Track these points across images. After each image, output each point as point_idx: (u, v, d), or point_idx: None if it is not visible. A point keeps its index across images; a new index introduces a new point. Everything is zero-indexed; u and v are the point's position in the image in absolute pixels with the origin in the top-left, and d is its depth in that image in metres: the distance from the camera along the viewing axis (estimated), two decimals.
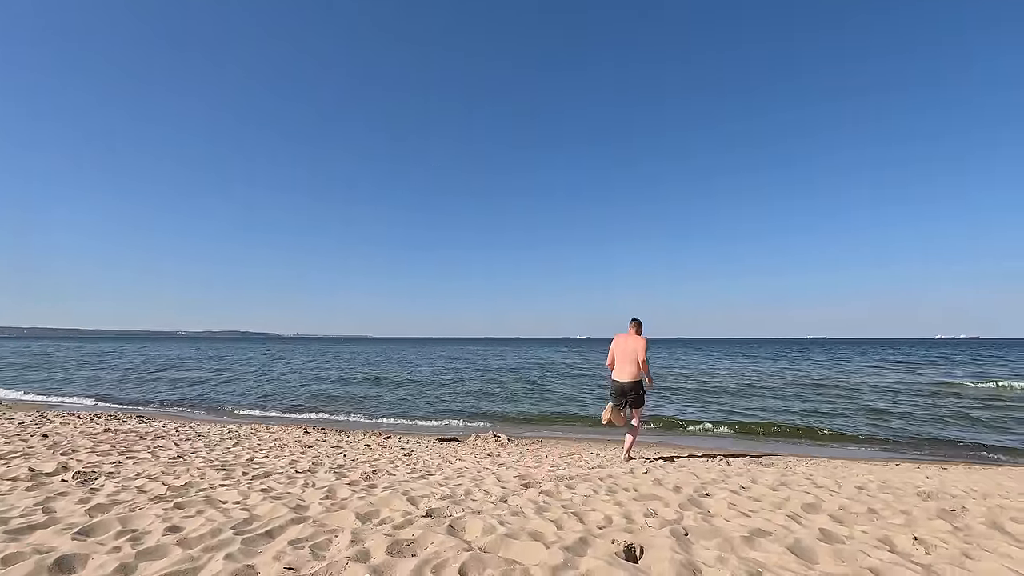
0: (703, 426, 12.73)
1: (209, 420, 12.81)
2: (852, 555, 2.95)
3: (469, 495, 4.46)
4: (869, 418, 14.08)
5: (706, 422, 13.10)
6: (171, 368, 31.20)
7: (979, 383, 22.71)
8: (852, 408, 15.90)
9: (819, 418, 14.13)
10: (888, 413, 14.86)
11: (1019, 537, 3.41)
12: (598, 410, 15.40)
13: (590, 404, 17.10)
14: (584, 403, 17.42)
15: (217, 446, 7.29)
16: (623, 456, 7.86)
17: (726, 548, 3.03)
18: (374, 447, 8.38)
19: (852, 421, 13.66)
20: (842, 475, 6.19)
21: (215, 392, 20.26)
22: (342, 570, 2.61)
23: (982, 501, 4.45)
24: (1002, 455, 10.04)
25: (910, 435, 11.80)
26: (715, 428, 12.55)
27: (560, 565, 2.68)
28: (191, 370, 30.11)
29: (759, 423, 13.08)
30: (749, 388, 21.53)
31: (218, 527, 3.22)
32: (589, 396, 19.19)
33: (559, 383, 24.04)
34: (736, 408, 16.00)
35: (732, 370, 32.04)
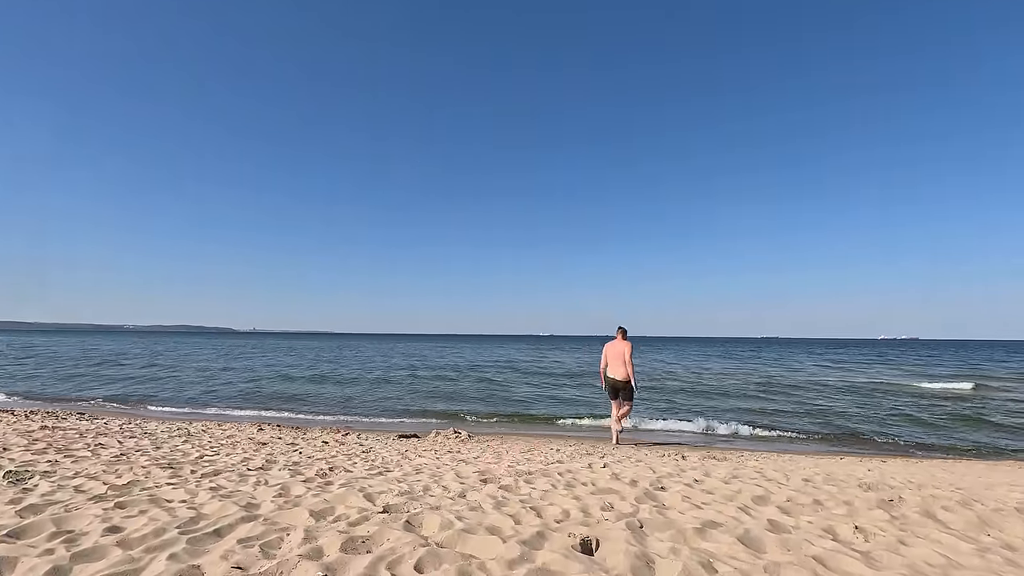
0: (663, 422, 13.02)
1: (157, 417, 12.28)
2: (797, 544, 3.07)
3: (428, 491, 4.42)
4: (812, 415, 14.70)
5: (665, 419, 13.41)
6: (114, 363, 29.74)
7: (917, 382, 24.02)
8: (798, 405, 16.58)
9: (768, 416, 14.65)
10: (832, 410, 15.56)
11: (949, 524, 3.62)
12: (550, 408, 15.53)
13: (538, 401, 17.26)
14: (536, 401, 17.56)
15: (164, 444, 6.99)
16: (614, 438, 9.92)
17: (679, 539, 3.10)
18: (332, 444, 8.20)
19: (799, 418, 14.23)
20: (790, 468, 6.44)
21: (163, 388, 19.42)
22: (293, 568, 2.54)
23: (917, 492, 4.70)
24: (936, 449, 10.67)
25: (853, 431, 12.39)
26: (673, 425, 12.86)
27: (517, 559, 2.68)
28: (137, 365, 28.76)
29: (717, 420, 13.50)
30: (701, 385, 22.14)
31: (162, 527, 3.08)
32: (544, 394, 19.34)
33: (515, 380, 24.15)
34: (693, 407, 16.43)
35: (685, 367, 32.90)
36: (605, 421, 12.84)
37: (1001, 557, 2.94)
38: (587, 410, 15.14)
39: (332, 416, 13.96)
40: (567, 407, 16.01)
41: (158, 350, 46.57)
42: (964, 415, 14.62)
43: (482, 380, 24.03)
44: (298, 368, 29.39)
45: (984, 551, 3.03)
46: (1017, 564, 2.83)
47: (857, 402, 17.37)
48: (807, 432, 12.18)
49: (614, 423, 9.89)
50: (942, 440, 11.57)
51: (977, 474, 7.08)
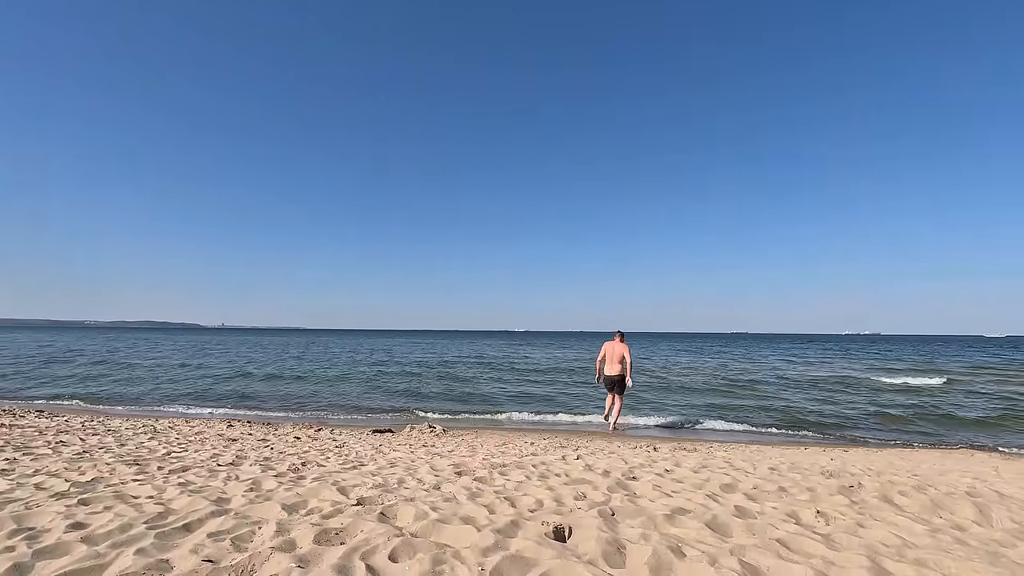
0: (636, 417, 13.23)
1: (121, 414, 11.93)
2: (762, 528, 3.18)
3: (402, 483, 4.42)
4: (777, 408, 15.13)
5: (637, 413, 13.63)
6: (65, 360, 28.66)
7: (877, 376, 24.91)
8: (763, 398, 17.05)
9: (735, 409, 15.02)
10: (796, 403, 16.05)
11: (905, 508, 3.80)
12: (515, 403, 15.64)
13: (501, 396, 17.36)
14: (499, 395, 17.65)
15: (130, 441, 6.81)
16: (611, 428, 11.00)
17: (649, 526, 3.18)
18: (304, 440, 8.10)
19: (765, 411, 14.63)
20: (757, 458, 6.63)
21: (127, 385, 18.84)
22: (265, 560, 2.52)
23: (876, 478, 4.90)
24: (895, 439, 11.11)
25: (817, 423, 12.79)
26: (644, 420, 13.09)
27: (491, 547, 2.72)
28: (100, 361, 27.82)
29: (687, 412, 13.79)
30: (671, 380, 22.53)
31: (129, 522, 3.02)
32: (512, 389, 19.45)
33: (486, 375, 24.21)
34: (663, 400, 16.73)
35: (654, 362, 33.43)
36: (579, 418, 13.09)
37: (951, 537, 3.10)
38: (547, 405, 15.28)
39: (301, 412, 13.77)
40: (528, 402, 16.12)
41: (116, 346, 44.90)
42: (922, 407, 15.23)
43: (447, 375, 24.00)
44: (273, 363, 28.86)
45: (936, 532, 3.20)
46: (965, 543, 2.99)
47: (820, 395, 17.93)
48: (773, 424, 12.53)
49: (610, 414, 11.18)
50: (901, 430, 12.06)
51: (932, 462, 7.39)
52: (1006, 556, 2.78)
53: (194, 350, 42.79)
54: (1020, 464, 7.83)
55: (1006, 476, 5.79)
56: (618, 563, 2.60)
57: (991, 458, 8.54)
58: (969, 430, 12.24)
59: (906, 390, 19.41)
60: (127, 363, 27.97)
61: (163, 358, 32.28)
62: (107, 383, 19.23)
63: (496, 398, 17.16)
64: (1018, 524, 3.47)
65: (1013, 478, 5.60)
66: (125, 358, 31.65)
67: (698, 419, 12.99)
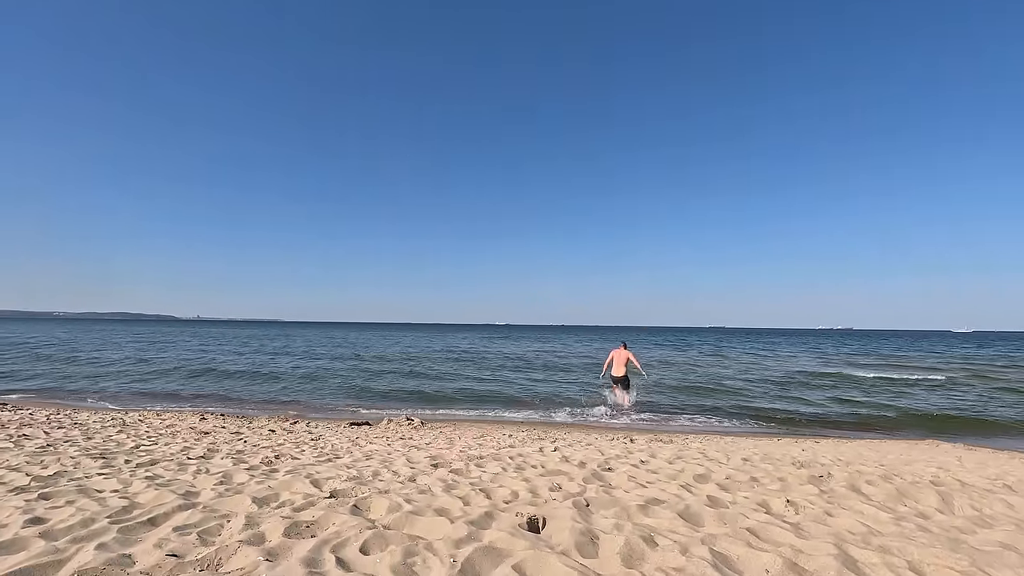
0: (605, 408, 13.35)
1: (89, 408, 11.62)
2: (734, 517, 3.22)
3: (377, 476, 4.38)
4: (751, 401, 15.41)
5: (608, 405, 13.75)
6: (41, 351, 27.84)
7: (848, 369, 25.52)
8: (738, 391, 17.33)
9: (711, 404, 15.24)
10: (770, 395, 16.35)
11: (872, 497, 3.89)
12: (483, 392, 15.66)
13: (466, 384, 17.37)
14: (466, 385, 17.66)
15: (97, 434, 6.64)
16: (626, 406, 13.41)
17: (623, 516, 3.19)
18: (279, 433, 7.99)
19: (739, 403, 14.88)
20: (731, 449, 6.74)
21: (96, 377, 18.35)
22: (232, 554, 2.47)
23: (845, 468, 5.01)
24: (865, 430, 11.41)
25: (789, 415, 13.05)
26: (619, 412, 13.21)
27: (464, 538, 2.70)
28: (66, 353, 27.06)
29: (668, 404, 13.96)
30: (652, 372, 22.79)
31: (91, 517, 2.93)
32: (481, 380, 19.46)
33: (459, 368, 24.19)
34: (643, 395, 16.91)
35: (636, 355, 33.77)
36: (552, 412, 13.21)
37: (914, 524, 3.18)
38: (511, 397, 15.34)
39: (276, 404, 13.59)
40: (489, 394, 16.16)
41: (82, 339, 43.66)
42: (891, 400, 15.64)
43: (417, 368, 23.92)
44: (249, 355, 28.40)
45: (900, 519, 3.28)
46: (928, 530, 3.07)
47: (794, 388, 18.31)
48: (748, 416, 12.76)
49: (620, 399, 13.80)
50: (870, 422, 12.37)
51: (899, 452, 7.60)
52: (966, 542, 2.86)
53: (191, 342, 41.97)
54: (982, 455, 8.09)
55: (968, 466, 5.98)
56: (591, 553, 2.61)
57: (955, 449, 8.82)
58: (935, 421, 12.61)
59: (877, 383, 19.91)
60: (116, 352, 27.29)
61: (154, 348, 31.58)
62: (70, 376, 18.72)
63: (461, 390, 17.15)
64: (978, 512, 3.58)
65: (975, 468, 5.79)
66: (112, 348, 30.86)
67: (675, 411, 13.16)
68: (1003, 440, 10.45)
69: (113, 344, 36.36)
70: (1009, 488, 4.27)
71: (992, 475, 5.03)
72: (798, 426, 11.83)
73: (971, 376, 22.76)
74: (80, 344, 35.23)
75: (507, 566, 2.37)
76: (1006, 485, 4.39)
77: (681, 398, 15.72)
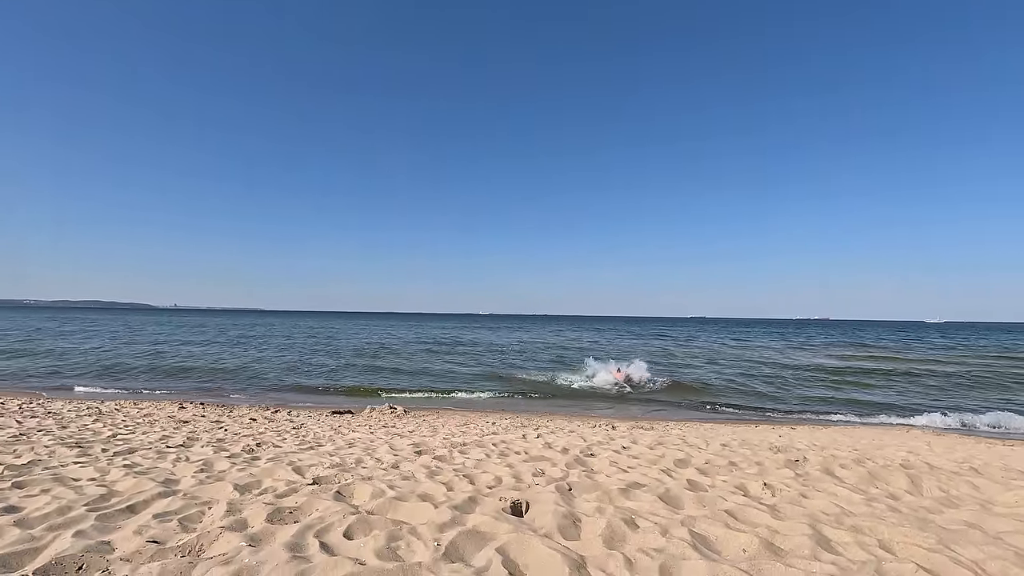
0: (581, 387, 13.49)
1: (64, 397, 11.37)
2: (712, 500, 3.29)
3: (360, 463, 4.38)
4: (731, 387, 15.69)
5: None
6: (11, 339, 27.07)
7: (826, 358, 26.10)
8: (718, 375, 17.64)
9: (695, 390, 15.49)
10: (747, 383, 16.67)
11: (845, 480, 4.01)
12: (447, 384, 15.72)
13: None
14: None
15: (72, 423, 6.51)
16: (623, 379, 15.96)
17: (605, 500, 3.25)
18: (260, 421, 7.93)
19: (721, 389, 15.15)
20: (711, 436, 6.86)
21: (69, 366, 17.94)
22: (214, 540, 2.45)
23: (820, 452, 5.15)
24: (840, 416, 11.72)
25: (769, 401, 13.34)
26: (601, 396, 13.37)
27: (448, 522, 2.72)
28: (39, 341, 26.39)
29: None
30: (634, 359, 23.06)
31: (67, 504, 2.89)
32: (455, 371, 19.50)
33: (438, 356, 24.20)
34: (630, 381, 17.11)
35: (617, 346, 34.10)
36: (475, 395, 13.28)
37: (885, 505, 3.29)
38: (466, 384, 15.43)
39: (257, 393, 13.45)
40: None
41: (54, 326, 42.44)
42: (864, 386, 16.06)
43: (390, 356, 23.87)
44: (229, 343, 27.96)
45: (872, 501, 3.38)
46: (898, 510, 3.17)
47: (771, 375, 18.67)
48: (727, 404, 12.99)
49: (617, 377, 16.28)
50: (845, 408, 12.70)
51: (872, 437, 7.82)
52: (933, 521, 2.97)
53: (168, 330, 41.05)
54: (949, 439, 8.38)
55: (937, 450, 6.18)
56: (573, 535, 2.65)
57: (924, 434, 9.10)
58: (903, 408, 12.99)
59: (853, 371, 20.40)
60: (92, 341, 26.64)
61: (130, 337, 30.89)
62: (43, 364, 18.26)
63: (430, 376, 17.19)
64: (945, 493, 3.71)
65: (943, 451, 5.99)
66: (88, 336, 30.10)
67: (658, 398, 13.35)
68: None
69: (87, 332, 35.54)
70: (975, 471, 4.43)
71: (959, 458, 5.21)
72: (776, 413, 12.10)
73: (939, 363, 23.44)
74: (52, 332, 34.37)
75: (491, 549, 2.40)
76: (972, 468, 4.55)
77: (666, 384, 15.94)
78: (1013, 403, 13.69)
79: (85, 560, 2.20)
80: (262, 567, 2.15)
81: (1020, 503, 3.44)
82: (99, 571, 2.13)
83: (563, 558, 2.27)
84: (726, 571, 2.18)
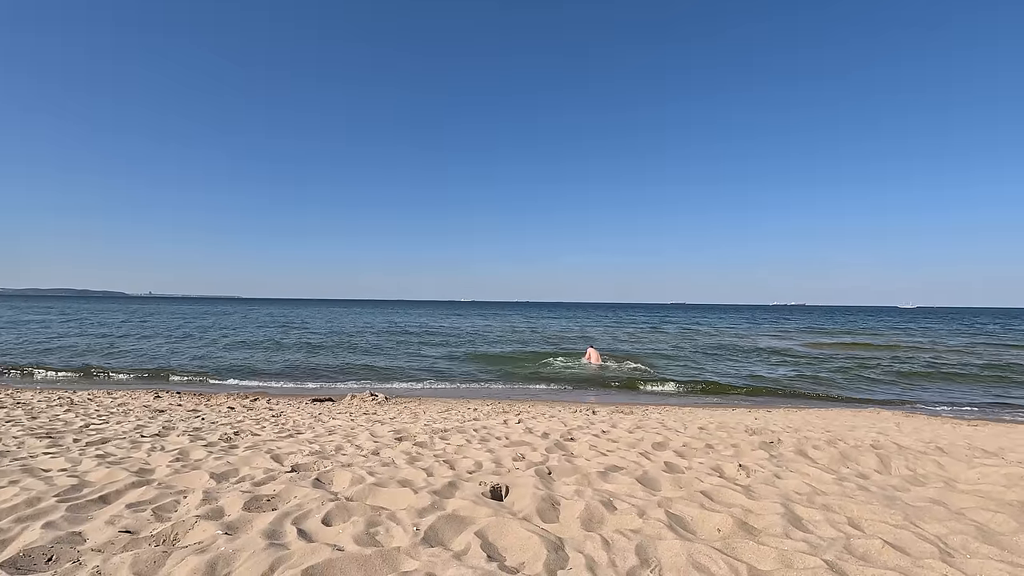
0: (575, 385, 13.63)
1: (33, 387, 11.08)
2: (689, 482, 3.35)
3: (340, 450, 4.36)
4: (714, 372, 15.97)
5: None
6: None
7: (801, 343, 26.68)
8: (701, 362, 17.95)
9: (672, 373, 15.73)
10: (730, 368, 16.98)
11: (817, 460, 4.11)
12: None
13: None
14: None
15: (43, 414, 6.35)
16: (595, 367, 16.62)
17: (584, 483, 3.29)
18: (238, 410, 7.83)
19: (700, 375, 15.40)
20: (689, 419, 6.98)
21: (40, 353, 17.47)
22: (190, 529, 2.42)
23: (794, 434, 5.28)
24: (812, 400, 12.02)
25: (744, 384, 13.61)
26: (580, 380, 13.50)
27: (428, 507, 2.73)
28: (7, 329, 25.64)
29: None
30: (618, 347, 23.28)
31: (37, 496, 2.82)
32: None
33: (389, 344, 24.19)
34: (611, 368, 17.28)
35: (601, 332, 34.39)
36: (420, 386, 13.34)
37: (855, 484, 3.38)
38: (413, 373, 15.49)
39: (235, 381, 13.28)
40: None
41: (23, 315, 41.10)
42: (838, 370, 16.47)
43: (367, 344, 23.79)
44: (204, 332, 27.44)
45: (842, 480, 3.48)
46: (867, 489, 3.27)
47: (748, 360, 19.04)
48: (704, 388, 13.22)
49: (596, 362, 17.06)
50: (819, 392, 13.00)
51: (844, 419, 8.04)
52: (900, 499, 3.06)
53: (141, 318, 40.07)
54: (917, 420, 8.65)
55: (905, 431, 6.38)
56: (552, 518, 2.68)
57: (894, 415, 9.38)
58: (880, 390, 13.36)
59: (825, 356, 20.88)
60: (63, 329, 25.91)
61: (105, 325, 30.08)
62: (11, 353, 17.77)
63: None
64: (912, 471, 3.84)
65: (911, 432, 6.18)
66: (59, 325, 29.25)
67: (637, 383, 13.53)
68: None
69: (58, 321, 34.62)
70: (941, 450, 4.58)
71: (926, 438, 5.38)
72: (752, 396, 12.35)
73: (913, 348, 24.13)
74: (23, 320, 33.41)
75: (470, 532, 2.41)
76: (938, 447, 4.71)
77: (646, 369, 16.14)
78: (978, 385, 14.18)
79: (55, 551, 2.16)
80: (239, 555, 2.13)
81: (982, 480, 3.57)
82: (70, 562, 2.09)
83: (541, 540, 2.30)
84: (700, 550, 2.22)
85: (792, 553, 2.23)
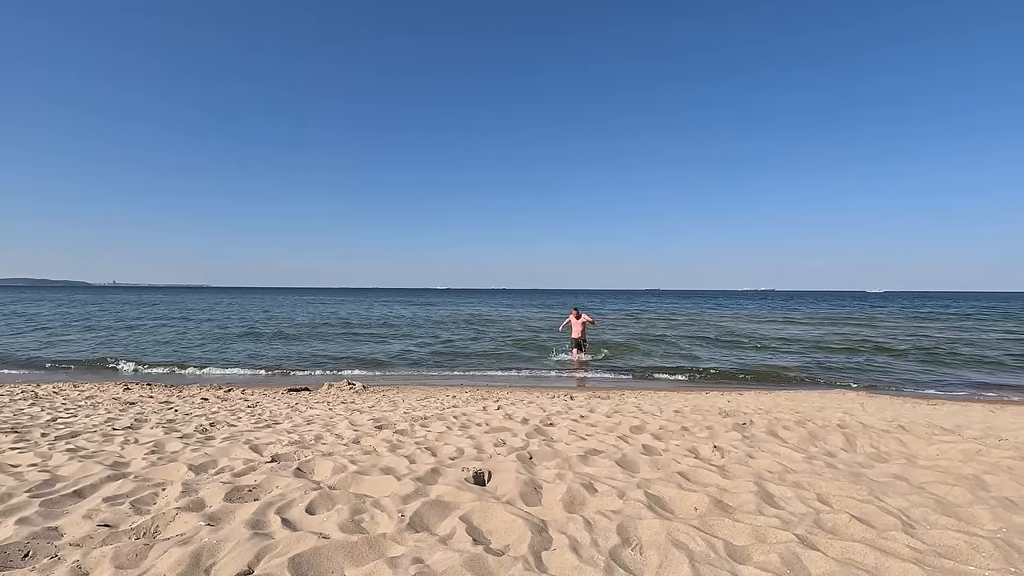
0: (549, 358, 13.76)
1: None
2: (666, 463, 3.45)
3: (320, 440, 4.34)
4: (686, 357, 16.31)
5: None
6: None
7: (769, 328, 27.38)
8: (672, 347, 18.30)
9: (647, 361, 16.01)
10: (695, 352, 17.36)
11: (787, 440, 4.27)
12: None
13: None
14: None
15: (6, 408, 6.15)
16: (576, 363, 14.81)
17: (564, 467, 3.35)
18: (212, 401, 7.70)
19: (673, 360, 15.72)
20: (664, 403, 7.14)
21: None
22: (171, 521, 2.40)
23: (765, 416, 5.45)
24: (784, 382, 12.38)
25: (717, 368, 13.94)
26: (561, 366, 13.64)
27: (412, 494, 2.75)
28: None
29: None
30: (593, 333, 23.54)
31: (7, 492, 2.75)
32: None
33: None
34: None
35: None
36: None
37: (823, 462, 3.53)
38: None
39: (211, 371, 13.03)
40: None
41: None
42: (808, 353, 16.99)
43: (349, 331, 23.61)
44: (174, 322, 26.77)
45: (811, 458, 3.63)
46: (834, 466, 3.42)
47: (720, 345, 19.50)
48: (680, 372, 13.49)
49: (575, 359, 15.08)
50: (789, 375, 13.40)
51: (812, 401, 8.33)
52: (865, 475, 3.21)
53: (108, 308, 38.74)
54: (881, 400, 9.01)
55: (869, 410, 6.65)
56: (534, 501, 2.73)
57: (859, 396, 9.74)
58: (846, 372, 13.84)
59: (794, 339, 21.50)
60: (22, 321, 24.94)
61: (67, 315, 29.08)
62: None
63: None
64: (876, 449, 4.02)
65: (875, 411, 6.45)
66: (20, 316, 28.14)
67: (613, 368, 13.73)
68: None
69: (35, 311, 33.37)
70: (903, 428, 4.80)
71: (889, 417, 5.63)
72: (725, 380, 12.67)
73: (877, 329, 25.03)
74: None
75: (454, 517, 2.45)
76: (900, 426, 4.93)
77: (620, 355, 16.39)
78: (939, 366, 14.80)
79: (31, 547, 2.12)
80: (223, 545, 2.12)
81: (940, 456, 3.77)
82: (47, 557, 2.06)
83: (525, 523, 2.35)
84: (679, 528, 2.30)
85: (765, 529, 2.33)
